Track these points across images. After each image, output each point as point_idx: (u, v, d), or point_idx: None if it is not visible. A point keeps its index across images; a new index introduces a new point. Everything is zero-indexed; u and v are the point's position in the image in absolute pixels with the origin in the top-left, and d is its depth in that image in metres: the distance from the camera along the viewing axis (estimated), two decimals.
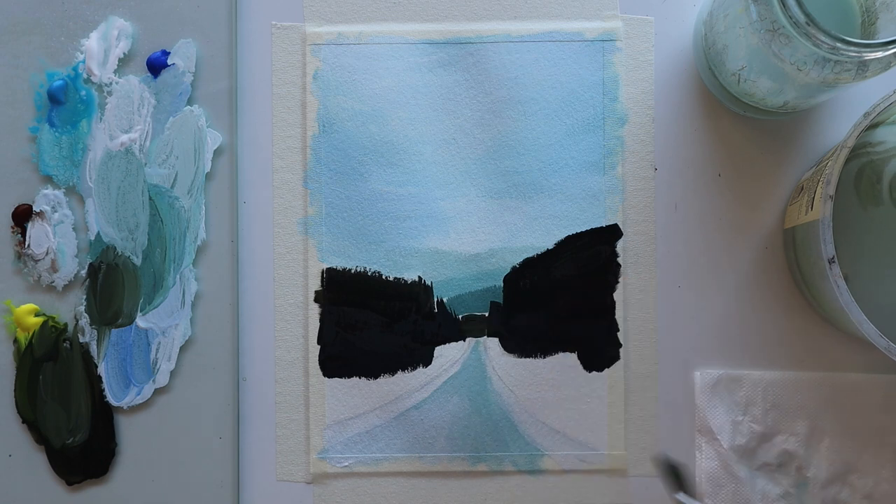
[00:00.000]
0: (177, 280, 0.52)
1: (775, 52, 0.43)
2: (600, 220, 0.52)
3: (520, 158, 0.52)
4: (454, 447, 0.52)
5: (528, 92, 0.52)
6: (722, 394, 0.52)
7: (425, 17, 0.53)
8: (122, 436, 0.52)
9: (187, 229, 0.52)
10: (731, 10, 0.45)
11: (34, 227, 0.52)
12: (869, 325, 0.43)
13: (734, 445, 0.51)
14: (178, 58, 0.52)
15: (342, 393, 0.52)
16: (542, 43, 0.52)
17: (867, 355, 0.51)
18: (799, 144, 0.52)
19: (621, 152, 0.52)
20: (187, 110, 0.52)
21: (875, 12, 0.46)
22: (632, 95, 0.52)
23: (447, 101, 0.52)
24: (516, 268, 0.52)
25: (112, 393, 0.52)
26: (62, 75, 0.52)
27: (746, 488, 0.51)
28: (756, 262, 0.52)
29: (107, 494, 0.52)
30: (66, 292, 0.52)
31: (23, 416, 0.52)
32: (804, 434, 0.51)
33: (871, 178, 0.49)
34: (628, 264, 0.52)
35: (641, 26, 0.53)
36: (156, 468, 0.52)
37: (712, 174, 0.52)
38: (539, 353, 0.52)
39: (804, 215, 0.47)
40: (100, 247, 0.52)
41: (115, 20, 0.52)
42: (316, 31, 0.53)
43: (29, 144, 0.52)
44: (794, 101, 0.48)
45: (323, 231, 0.52)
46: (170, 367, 0.52)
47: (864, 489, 0.51)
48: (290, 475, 0.52)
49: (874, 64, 0.42)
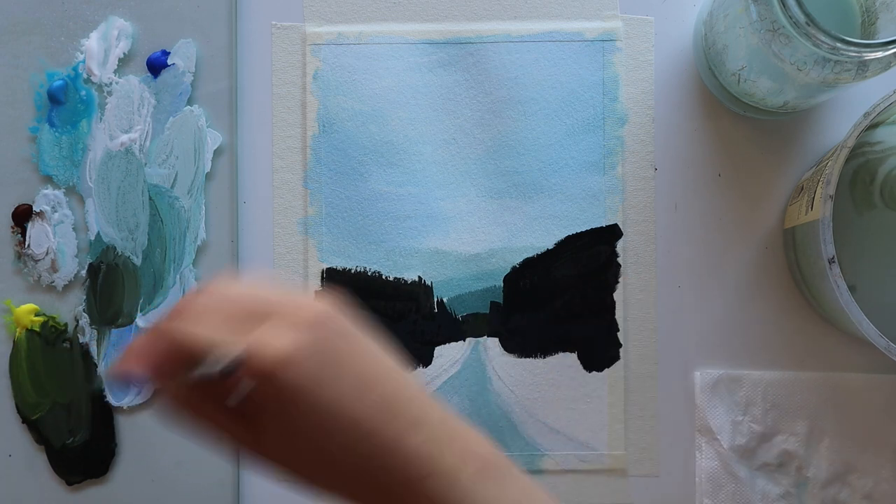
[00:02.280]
0: (177, 280, 0.52)
1: (775, 52, 0.43)
2: (600, 220, 0.52)
3: (520, 158, 0.52)
4: None
5: (528, 92, 0.52)
6: (722, 394, 0.52)
7: (425, 17, 0.53)
8: (122, 436, 0.52)
9: (187, 229, 0.52)
10: (731, 10, 0.45)
11: (34, 227, 0.52)
12: (869, 324, 0.43)
13: (734, 445, 0.51)
14: (178, 58, 0.52)
15: None
16: (542, 43, 0.52)
17: (867, 355, 0.51)
18: (799, 144, 0.52)
19: (621, 152, 0.52)
20: (187, 110, 0.52)
21: (875, 12, 0.46)
22: (632, 95, 0.52)
23: (447, 101, 0.52)
24: (516, 268, 0.52)
25: (112, 393, 0.52)
26: (62, 75, 0.52)
27: (746, 488, 0.51)
28: (756, 262, 0.52)
29: (107, 494, 0.52)
30: (66, 292, 0.52)
31: (23, 416, 0.52)
32: (804, 434, 0.51)
33: (865, 179, 0.49)
34: (628, 264, 0.52)
35: (641, 26, 0.53)
36: (156, 468, 0.52)
37: (712, 174, 0.52)
38: (539, 353, 0.52)
39: (804, 215, 0.47)
40: (100, 247, 0.52)
41: (115, 20, 0.52)
42: (316, 31, 0.53)
43: (29, 144, 0.52)
44: (794, 101, 0.48)
45: (323, 231, 0.52)
46: None
47: (864, 489, 0.51)
48: None
49: (874, 64, 0.42)
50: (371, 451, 0.34)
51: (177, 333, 0.34)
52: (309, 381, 0.33)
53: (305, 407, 0.33)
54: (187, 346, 0.33)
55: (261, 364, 0.32)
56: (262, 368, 0.32)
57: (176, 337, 0.34)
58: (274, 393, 0.33)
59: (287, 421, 0.33)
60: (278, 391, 0.33)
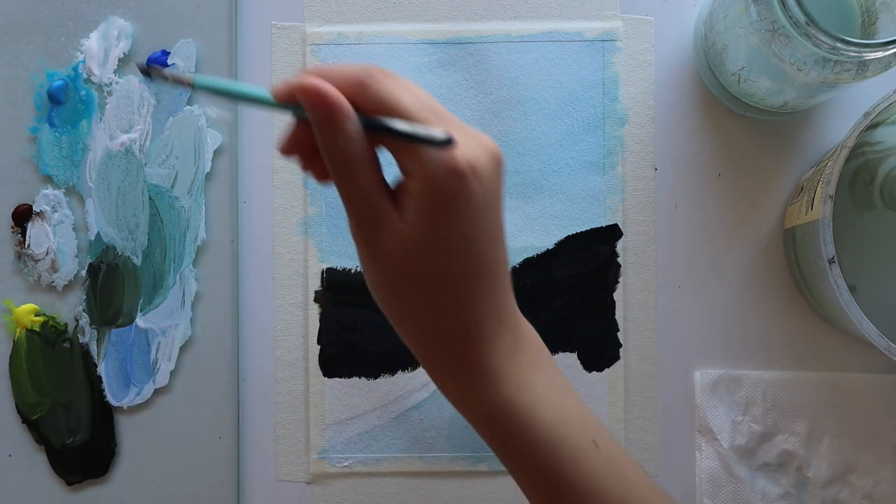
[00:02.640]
0: (177, 280, 0.52)
1: (775, 52, 0.43)
2: (600, 220, 0.52)
3: (520, 158, 0.52)
4: (454, 447, 0.52)
5: (528, 92, 0.52)
6: (722, 394, 0.52)
7: (425, 17, 0.53)
8: (122, 436, 0.52)
9: (187, 229, 0.52)
10: (731, 10, 0.45)
11: (34, 227, 0.52)
12: (869, 324, 0.43)
13: (734, 445, 0.51)
14: (178, 58, 0.52)
15: (342, 393, 0.52)
16: (542, 43, 0.52)
17: (867, 355, 0.51)
18: (799, 144, 0.52)
19: (621, 152, 0.52)
20: (187, 110, 0.52)
21: (875, 12, 0.46)
22: (632, 95, 0.52)
23: (447, 101, 0.52)
24: (516, 268, 0.52)
25: (112, 393, 0.52)
26: (62, 75, 0.52)
27: (746, 488, 0.51)
28: (756, 262, 0.52)
29: (107, 494, 0.52)
30: (66, 292, 0.52)
31: (23, 416, 0.52)
32: (804, 434, 0.51)
33: (865, 178, 0.49)
34: (628, 264, 0.52)
35: (641, 26, 0.53)
36: (156, 468, 0.52)
37: (712, 174, 0.52)
38: None
39: (804, 215, 0.47)
40: (100, 247, 0.52)
41: (115, 20, 0.52)
42: (316, 31, 0.53)
43: (29, 144, 0.52)
44: (794, 101, 0.48)
45: (323, 231, 0.52)
46: (170, 367, 0.52)
47: (864, 489, 0.51)
48: (289, 475, 0.52)
49: (874, 64, 0.42)
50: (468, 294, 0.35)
51: (382, 83, 0.33)
52: (475, 201, 0.33)
53: (455, 221, 0.34)
54: (389, 98, 0.33)
55: (452, 158, 0.33)
56: (453, 163, 0.33)
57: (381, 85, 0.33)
58: (443, 190, 0.33)
59: (429, 221, 0.34)
60: (448, 190, 0.33)
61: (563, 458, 0.36)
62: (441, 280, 0.35)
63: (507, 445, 0.37)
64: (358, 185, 0.34)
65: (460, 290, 0.35)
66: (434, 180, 0.33)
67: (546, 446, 0.36)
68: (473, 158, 0.33)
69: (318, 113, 0.33)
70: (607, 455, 0.37)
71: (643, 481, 0.38)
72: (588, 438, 0.37)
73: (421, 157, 0.33)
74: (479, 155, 0.34)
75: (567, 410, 0.37)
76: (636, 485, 0.37)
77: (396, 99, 0.33)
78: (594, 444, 0.37)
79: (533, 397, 0.36)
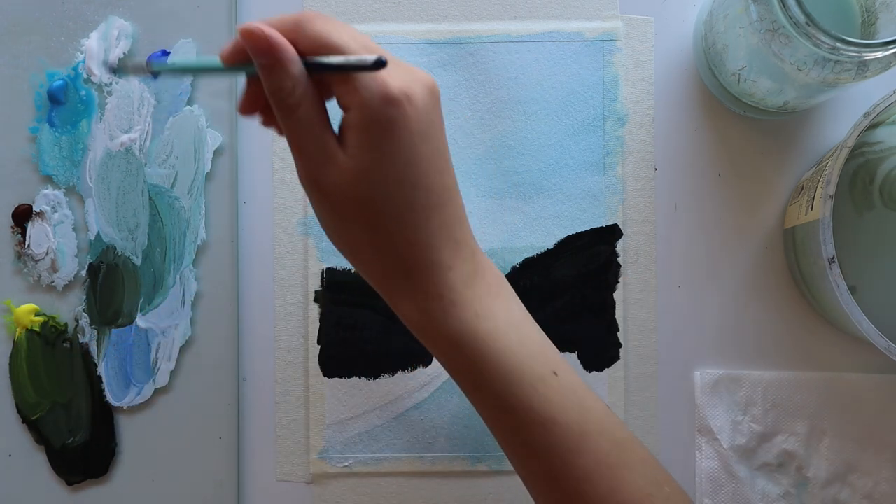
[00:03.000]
0: (177, 280, 0.52)
1: (775, 52, 0.43)
2: (600, 220, 0.52)
3: (520, 158, 0.52)
4: (454, 447, 0.52)
5: (528, 92, 0.52)
6: (722, 394, 0.52)
7: (425, 17, 0.53)
8: (122, 436, 0.52)
9: (187, 229, 0.52)
10: (731, 10, 0.45)
11: (34, 227, 0.52)
12: (869, 324, 0.43)
13: (734, 445, 0.51)
14: (178, 58, 0.52)
15: (342, 393, 0.52)
16: (542, 43, 0.52)
17: (867, 355, 0.51)
18: (799, 144, 0.52)
19: (621, 152, 0.52)
20: (187, 110, 0.52)
21: (875, 12, 0.46)
22: (632, 95, 0.52)
23: (447, 101, 0.52)
24: (516, 268, 0.52)
25: (112, 393, 0.52)
26: (62, 75, 0.52)
27: (746, 488, 0.51)
28: (756, 262, 0.52)
29: (107, 494, 0.52)
30: (66, 292, 0.52)
31: (23, 416, 0.52)
32: (804, 434, 0.51)
33: (865, 178, 0.49)
34: (628, 264, 0.52)
35: (641, 26, 0.53)
36: (156, 468, 0.52)
37: (712, 174, 0.52)
38: None
39: (804, 215, 0.47)
40: (100, 247, 0.52)
41: (115, 20, 0.52)
42: None
43: (29, 144, 0.52)
44: (794, 101, 0.48)
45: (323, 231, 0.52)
46: (170, 367, 0.52)
47: (864, 489, 0.51)
48: (290, 475, 0.52)
49: (874, 64, 0.42)
50: (417, 222, 0.35)
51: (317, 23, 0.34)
52: (411, 129, 0.34)
53: (394, 149, 0.34)
54: (325, 36, 0.34)
55: (385, 85, 0.34)
56: (386, 89, 0.34)
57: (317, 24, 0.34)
58: (379, 117, 0.34)
59: (369, 151, 0.34)
60: (383, 117, 0.34)
61: (522, 384, 0.37)
62: (388, 209, 0.35)
63: (467, 371, 0.37)
64: (303, 124, 0.35)
65: (407, 218, 0.35)
66: (370, 107, 0.34)
67: (505, 372, 0.36)
68: (407, 87, 0.34)
69: (263, 57, 0.34)
70: (566, 384, 0.38)
71: (601, 409, 0.39)
72: (548, 368, 0.37)
73: (357, 87, 0.34)
74: (411, 84, 0.35)
75: (527, 339, 0.38)
76: (594, 410, 0.38)
77: (331, 36, 0.34)
78: (553, 373, 0.37)
79: (493, 324, 0.37)
